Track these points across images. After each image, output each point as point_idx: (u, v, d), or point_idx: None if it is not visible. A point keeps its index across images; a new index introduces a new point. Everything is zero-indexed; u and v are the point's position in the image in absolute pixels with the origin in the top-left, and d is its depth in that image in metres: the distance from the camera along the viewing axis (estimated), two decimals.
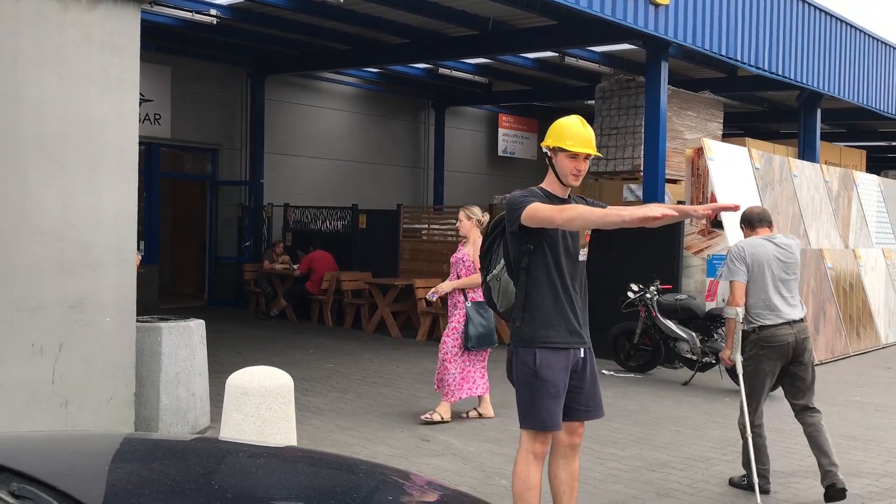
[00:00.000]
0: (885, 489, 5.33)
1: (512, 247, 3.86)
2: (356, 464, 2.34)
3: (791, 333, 5.17)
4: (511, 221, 3.78)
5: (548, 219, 3.62)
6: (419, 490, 2.21)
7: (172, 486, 1.84)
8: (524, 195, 3.78)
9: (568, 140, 3.78)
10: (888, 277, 12.96)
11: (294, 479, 2.08)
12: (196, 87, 14.34)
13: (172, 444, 2.37)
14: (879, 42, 14.84)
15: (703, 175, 10.15)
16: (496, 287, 3.99)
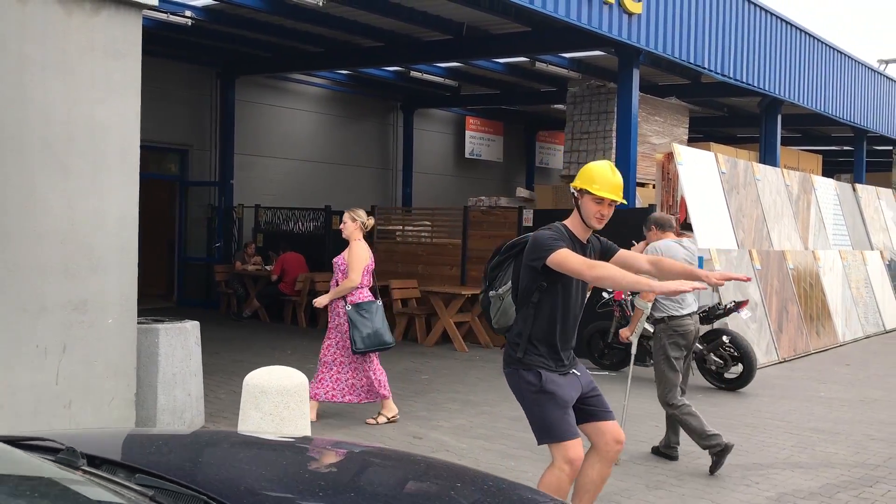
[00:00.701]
0: (857, 478, 5.64)
1: (525, 278, 3.93)
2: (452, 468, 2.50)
3: (692, 322, 5.98)
4: (534, 257, 3.83)
5: (576, 272, 3.72)
6: None
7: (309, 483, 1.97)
8: (553, 237, 3.84)
9: (595, 184, 3.86)
10: (845, 278, 13.46)
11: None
12: (166, 87, 14.27)
13: (272, 442, 2.50)
14: (834, 51, 15.38)
15: (673, 179, 10.48)
16: (497, 305, 4.08)
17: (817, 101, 14.88)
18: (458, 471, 2.43)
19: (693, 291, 3.56)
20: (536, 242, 3.86)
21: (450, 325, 10.94)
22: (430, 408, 7.48)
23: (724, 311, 8.87)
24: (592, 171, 3.95)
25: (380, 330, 6.66)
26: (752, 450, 6.31)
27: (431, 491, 2.15)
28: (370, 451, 2.45)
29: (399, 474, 2.25)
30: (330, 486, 1.99)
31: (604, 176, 3.91)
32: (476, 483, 2.32)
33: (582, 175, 3.97)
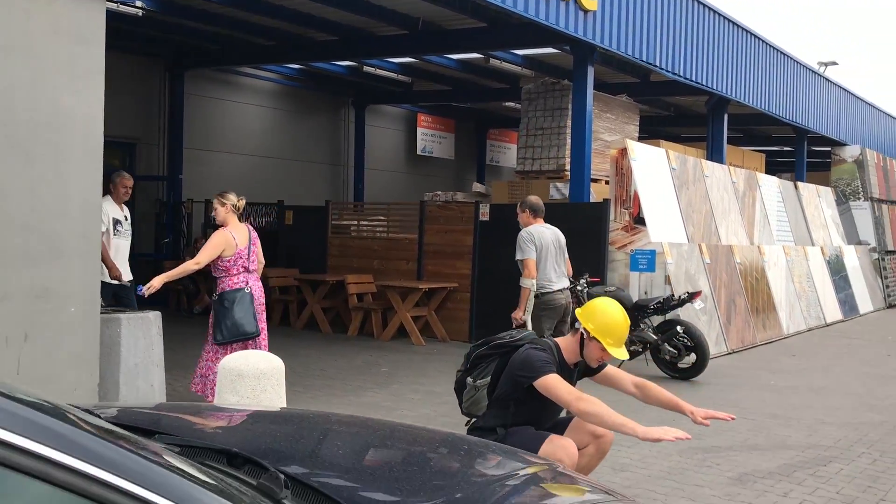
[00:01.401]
0: (812, 458, 5.85)
1: (508, 386, 3.95)
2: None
3: (563, 297, 6.89)
4: (522, 376, 3.85)
5: (563, 402, 3.77)
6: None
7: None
8: (545, 361, 3.84)
9: (610, 340, 3.87)
10: (788, 272, 13.88)
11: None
12: (113, 79, 13.84)
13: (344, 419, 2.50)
14: (778, 52, 15.84)
15: (626, 174, 10.68)
16: (471, 393, 4.14)
17: (762, 100, 15.30)
18: (458, 439, 2.47)
19: (674, 441, 3.60)
20: (528, 361, 3.85)
21: (407, 320, 10.96)
22: (393, 399, 7.50)
23: (678, 302, 9.08)
24: (609, 324, 3.89)
25: (240, 320, 6.37)
26: (709, 434, 6.46)
27: (444, 459, 2.19)
28: (392, 426, 2.47)
29: (425, 448, 2.28)
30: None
31: (619, 333, 3.91)
32: (480, 450, 2.36)
33: (598, 320, 3.89)
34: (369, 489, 1.69)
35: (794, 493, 5.03)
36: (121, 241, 7.63)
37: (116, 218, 7.62)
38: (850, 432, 6.68)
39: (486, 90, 16.83)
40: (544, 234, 6.68)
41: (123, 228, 7.70)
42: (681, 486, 5.10)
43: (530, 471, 2.17)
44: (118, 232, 7.59)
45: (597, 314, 3.91)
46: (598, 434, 4.09)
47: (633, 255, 10.29)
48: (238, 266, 6.45)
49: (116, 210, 7.64)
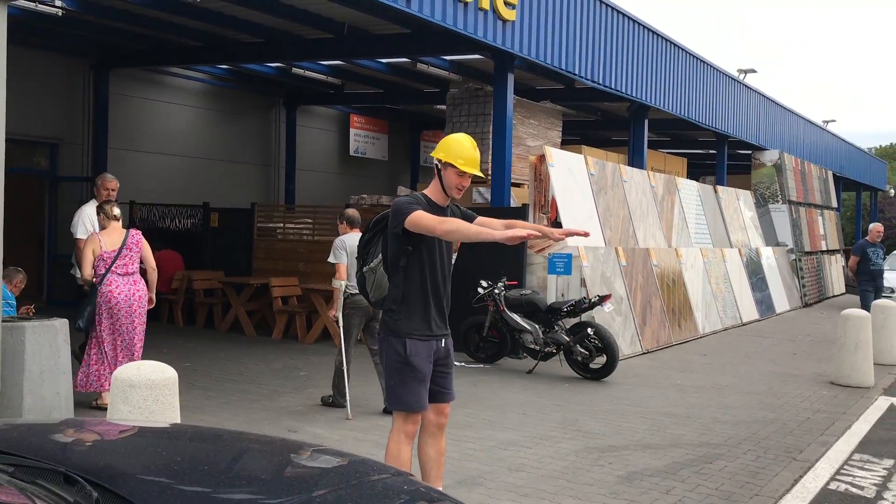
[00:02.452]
0: (700, 456, 6.16)
1: (392, 246, 4.26)
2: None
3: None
4: (395, 224, 4.17)
5: (428, 228, 4.05)
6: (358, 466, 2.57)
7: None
8: (409, 202, 4.18)
9: (459, 159, 4.20)
10: (705, 274, 14.37)
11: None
12: (34, 78, 13.76)
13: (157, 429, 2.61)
14: (699, 61, 16.36)
15: (544, 180, 10.96)
16: (371, 279, 4.44)
17: (681, 107, 15.79)
18: (310, 448, 2.62)
19: (528, 237, 3.92)
20: (395, 209, 4.18)
21: (330, 323, 11.04)
22: (307, 402, 7.61)
23: (590, 305, 9.38)
24: (455, 145, 4.25)
25: (80, 313, 7.14)
26: (608, 433, 6.77)
27: (279, 470, 2.34)
28: (218, 434, 2.59)
29: (254, 457, 2.43)
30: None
31: (467, 152, 4.24)
32: (324, 458, 2.52)
33: (445, 148, 4.26)
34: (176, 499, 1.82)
35: (676, 490, 5.32)
36: None
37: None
38: (741, 430, 7.03)
39: (418, 93, 17.01)
40: (356, 242, 7.14)
41: None
42: (571, 486, 5.34)
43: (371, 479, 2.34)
44: None
45: (446, 143, 4.29)
46: (440, 411, 4.42)
47: (550, 258, 10.58)
48: (101, 268, 7.09)
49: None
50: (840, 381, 9.40)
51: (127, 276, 7.17)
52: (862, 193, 33.38)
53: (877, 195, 35.15)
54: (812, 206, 22.15)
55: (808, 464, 6.02)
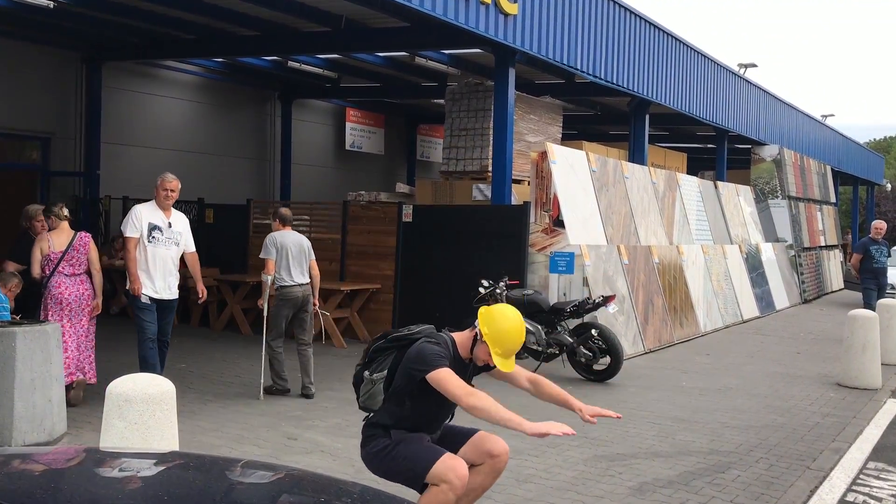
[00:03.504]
0: (712, 465, 6.00)
1: (402, 380, 3.94)
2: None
3: (300, 290, 8.06)
4: (416, 369, 3.85)
5: (453, 396, 3.74)
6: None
7: None
8: (439, 355, 3.84)
9: (498, 349, 3.90)
10: (706, 271, 14.23)
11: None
12: (26, 72, 13.51)
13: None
14: (699, 54, 16.18)
15: (546, 177, 10.78)
16: (368, 387, 4.10)
17: (682, 102, 15.61)
18: (324, 483, 2.44)
19: (560, 435, 3.66)
20: (422, 354, 3.85)
21: (328, 322, 10.86)
22: (306, 407, 7.44)
23: (593, 306, 9.21)
24: (504, 335, 3.90)
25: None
26: (617, 440, 6.60)
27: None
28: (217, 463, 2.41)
29: (260, 489, 2.25)
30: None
31: (510, 346, 3.94)
32: (343, 495, 2.34)
33: (493, 328, 3.90)
34: None
35: (691, 503, 5.16)
36: (158, 250, 7.16)
37: (154, 223, 7.19)
38: (751, 436, 6.88)
39: (415, 87, 16.79)
40: (286, 239, 8.11)
41: (163, 236, 7.22)
42: (581, 498, 5.18)
43: None
44: (153, 239, 7.13)
45: (495, 321, 3.93)
46: (494, 454, 4.11)
47: (552, 257, 10.40)
48: (48, 267, 7.22)
49: (156, 215, 7.25)
50: (847, 383, 9.26)
51: (74, 277, 7.28)
52: (858, 188, 33.29)
53: (874, 189, 35.09)
54: (811, 201, 22.03)
55: (822, 473, 5.87)
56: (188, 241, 7.49)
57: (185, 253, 7.43)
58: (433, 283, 11.00)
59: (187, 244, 7.48)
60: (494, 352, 3.90)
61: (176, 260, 7.33)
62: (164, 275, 7.16)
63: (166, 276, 7.19)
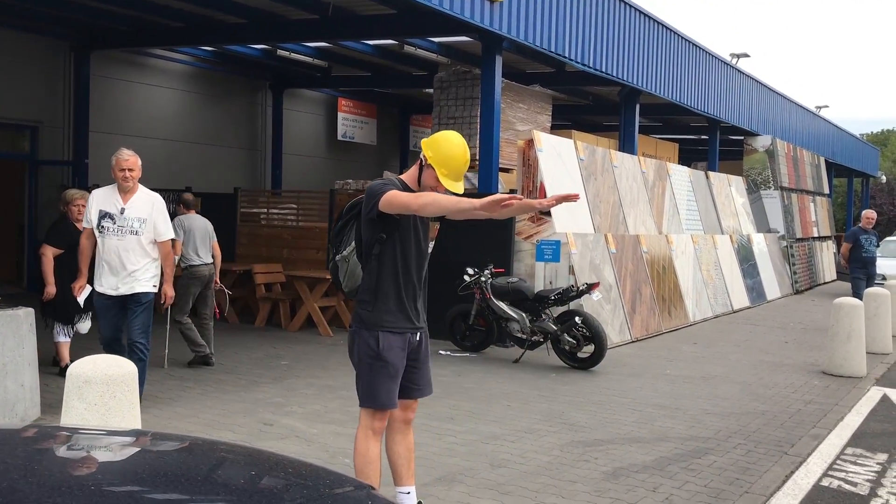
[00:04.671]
0: (689, 451, 5.97)
1: (366, 233, 4.02)
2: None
3: (206, 269, 8.71)
4: (369, 208, 3.92)
5: (404, 205, 3.78)
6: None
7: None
8: (384, 183, 3.94)
9: (443, 168, 3.92)
10: (696, 261, 14.19)
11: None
12: (13, 60, 13.44)
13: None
14: (691, 44, 16.11)
15: (533, 165, 10.73)
16: (343, 268, 4.17)
17: (673, 91, 15.55)
18: (260, 458, 2.41)
19: (510, 204, 3.62)
20: (369, 193, 3.94)
21: (314, 310, 10.84)
22: (286, 394, 7.40)
23: (577, 294, 9.18)
24: (447, 152, 3.95)
25: None
26: (596, 426, 6.58)
27: (218, 480, 2.13)
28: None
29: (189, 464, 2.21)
30: None
31: (455, 164, 3.96)
32: (278, 470, 2.31)
33: (436, 148, 3.97)
34: None
35: (664, 488, 5.13)
36: (108, 241, 6.19)
37: (105, 210, 6.20)
38: (731, 423, 6.85)
39: (406, 77, 16.73)
40: (192, 222, 8.80)
41: (114, 224, 6.18)
42: (554, 482, 5.15)
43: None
44: (103, 229, 6.19)
45: (440, 144, 3.98)
46: (407, 406, 4.22)
47: (538, 245, 10.37)
48: None
49: (110, 200, 6.23)
50: (832, 371, 9.24)
51: None
52: (853, 180, 33.25)
53: (868, 182, 35.05)
54: (804, 192, 21.99)
55: (799, 458, 5.84)
56: (159, 227, 6.39)
57: (157, 242, 6.45)
58: None
59: (158, 232, 6.40)
60: (441, 173, 3.93)
61: (136, 250, 6.26)
62: (116, 269, 6.22)
63: (120, 270, 6.22)
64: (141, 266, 6.32)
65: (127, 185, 6.25)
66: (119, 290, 6.28)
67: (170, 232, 6.53)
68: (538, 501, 4.82)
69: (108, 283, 6.28)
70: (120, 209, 6.25)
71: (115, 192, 6.31)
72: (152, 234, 6.36)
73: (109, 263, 6.25)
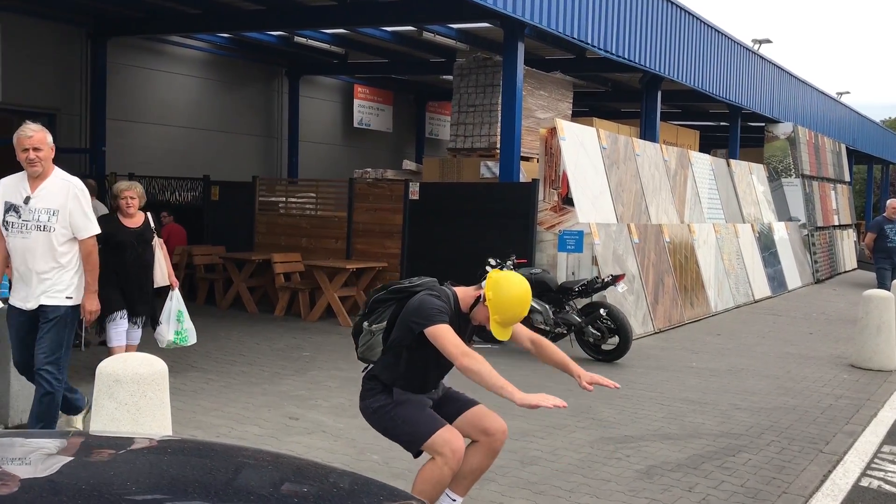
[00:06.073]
0: (722, 448, 5.86)
1: (400, 332, 3.84)
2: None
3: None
4: (414, 321, 3.74)
5: (447, 353, 3.64)
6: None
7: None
8: (440, 310, 3.73)
9: (498, 316, 3.77)
10: (718, 250, 14.03)
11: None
12: (31, 47, 13.37)
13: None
14: (713, 29, 15.86)
15: (555, 154, 10.58)
16: (367, 338, 4.02)
17: (695, 78, 15.33)
18: (308, 470, 2.31)
19: (552, 408, 3.53)
20: (422, 307, 3.74)
21: (334, 300, 10.76)
22: (310, 386, 7.32)
23: (602, 285, 9.06)
24: (507, 304, 3.75)
25: None
26: (625, 422, 6.47)
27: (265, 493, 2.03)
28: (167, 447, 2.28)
29: (242, 475, 2.12)
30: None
31: (511, 317, 3.79)
32: (326, 481, 2.21)
33: (499, 293, 3.76)
34: None
35: (700, 487, 5.02)
36: (14, 240, 4.97)
37: (10, 202, 4.97)
38: (762, 418, 6.73)
39: (423, 63, 16.57)
40: (100, 209, 8.45)
41: (19, 220, 4.95)
42: (587, 481, 5.05)
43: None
44: (8, 226, 4.98)
45: (501, 289, 3.80)
46: (490, 432, 4.01)
47: (560, 235, 10.24)
48: None
49: (17, 189, 4.98)
50: (861, 365, 9.09)
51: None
52: (873, 167, 32.86)
53: (888, 168, 34.63)
54: (825, 180, 21.72)
55: (836, 457, 5.72)
56: (76, 221, 5.02)
57: (79, 241, 5.08)
58: (440, 262, 10.83)
59: (75, 226, 5.03)
60: (493, 319, 3.78)
61: (45, 252, 4.96)
62: (25, 277, 5.00)
63: (29, 278, 4.98)
64: (49, 271, 4.98)
65: (34, 169, 4.89)
66: (27, 303, 5.03)
67: (92, 227, 5.08)
68: (573, 502, 4.72)
69: (19, 294, 5.07)
70: (24, 198, 4.94)
71: (24, 179, 5.00)
72: (68, 230, 5.00)
73: (18, 269, 5.03)
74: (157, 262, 7.30)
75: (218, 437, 5.64)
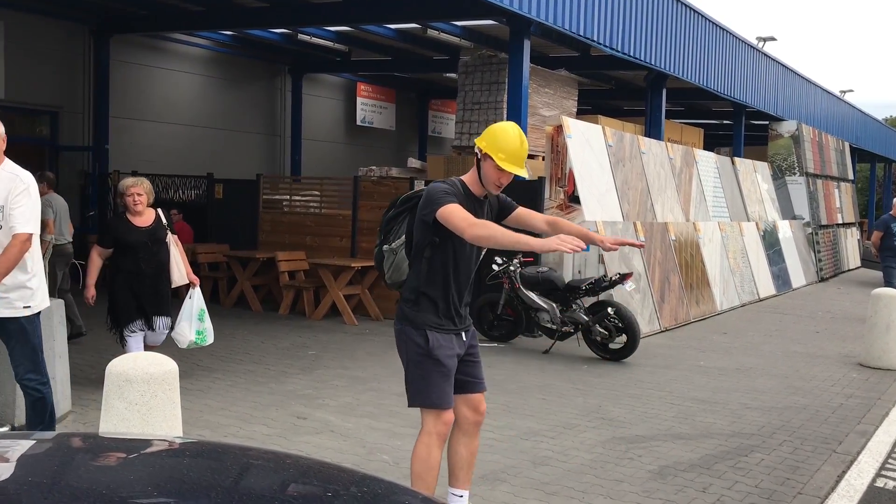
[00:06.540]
0: (735, 448, 5.81)
1: (418, 233, 3.86)
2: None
3: (70, 247, 9.01)
4: (426, 211, 3.75)
5: (457, 228, 3.62)
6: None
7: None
8: (445, 191, 3.73)
9: (501, 153, 3.73)
10: (723, 248, 13.97)
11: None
12: (33, 44, 13.31)
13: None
14: (717, 27, 15.80)
15: (562, 152, 10.53)
16: (390, 259, 4.03)
17: (700, 75, 15.27)
18: (331, 473, 2.26)
19: (571, 252, 3.50)
20: (429, 195, 3.76)
21: (339, 298, 10.71)
22: (317, 385, 7.27)
23: (610, 284, 9.00)
24: (501, 137, 3.78)
25: None
26: (635, 422, 6.42)
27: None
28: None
29: (266, 479, 2.07)
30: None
31: (511, 146, 3.77)
32: (351, 486, 2.16)
33: (489, 137, 3.81)
34: None
35: (714, 488, 4.97)
36: None
37: None
38: (773, 418, 6.68)
39: (427, 61, 16.52)
40: (56, 201, 8.85)
41: None
42: (600, 482, 5.00)
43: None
44: None
45: (491, 131, 3.84)
46: (481, 411, 4.05)
47: None
48: None
49: None
50: (870, 364, 9.03)
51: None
52: (876, 165, 32.79)
53: (891, 167, 34.56)
54: (829, 178, 21.65)
55: (849, 457, 5.67)
56: (13, 215, 4.49)
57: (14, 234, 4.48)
58: None
59: (12, 220, 4.49)
60: (499, 158, 3.74)
61: None
62: None
63: None
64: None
65: None
66: None
67: (27, 223, 4.50)
68: (586, 502, 4.67)
69: None
70: None
71: None
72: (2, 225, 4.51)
73: None
74: (174, 259, 6.82)
75: (226, 437, 5.59)
